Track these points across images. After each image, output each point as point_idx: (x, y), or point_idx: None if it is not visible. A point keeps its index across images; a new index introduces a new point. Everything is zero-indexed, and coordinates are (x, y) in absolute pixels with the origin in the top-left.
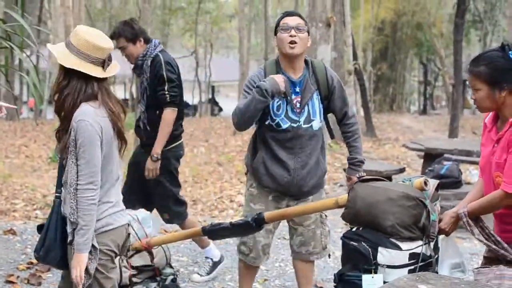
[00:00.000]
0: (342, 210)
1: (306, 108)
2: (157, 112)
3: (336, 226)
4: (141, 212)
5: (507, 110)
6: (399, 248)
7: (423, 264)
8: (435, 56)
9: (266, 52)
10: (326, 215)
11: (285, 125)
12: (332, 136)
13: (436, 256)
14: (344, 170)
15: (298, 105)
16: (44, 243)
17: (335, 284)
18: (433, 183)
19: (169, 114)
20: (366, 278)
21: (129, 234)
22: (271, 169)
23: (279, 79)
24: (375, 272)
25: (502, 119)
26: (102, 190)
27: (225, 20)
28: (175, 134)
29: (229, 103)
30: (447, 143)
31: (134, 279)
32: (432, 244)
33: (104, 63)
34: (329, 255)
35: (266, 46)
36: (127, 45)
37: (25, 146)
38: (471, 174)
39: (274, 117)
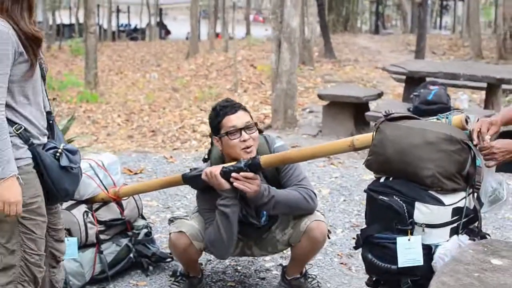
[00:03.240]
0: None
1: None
2: None
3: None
4: (107, 157)
5: None
6: (441, 203)
7: (466, 219)
8: None
9: None
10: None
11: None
12: None
13: (480, 208)
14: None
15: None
16: None
17: (355, 246)
18: (473, 119)
19: None
20: (401, 241)
21: None
22: None
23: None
24: (411, 233)
25: None
26: None
27: None
28: None
29: (177, 26)
30: (429, 66)
31: (102, 236)
32: (475, 194)
33: None
34: (329, 232)
35: None
36: None
37: None
38: (461, 99)
39: None
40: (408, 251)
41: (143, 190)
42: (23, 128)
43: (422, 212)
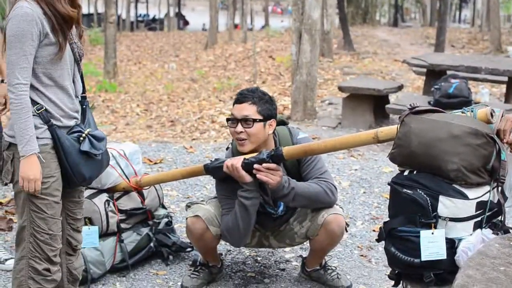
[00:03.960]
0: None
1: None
2: None
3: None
4: (128, 146)
5: None
6: (465, 197)
7: (490, 213)
8: None
9: None
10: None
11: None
12: None
13: (505, 202)
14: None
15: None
16: None
17: (377, 238)
18: (498, 112)
19: None
20: (424, 234)
21: None
22: None
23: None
24: (435, 227)
25: None
26: None
27: None
28: None
29: (196, 16)
30: (450, 59)
31: (123, 225)
32: (500, 188)
33: None
34: (347, 225)
35: None
36: None
37: None
38: (482, 93)
39: None
40: (432, 245)
41: (165, 180)
42: (44, 108)
43: (446, 205)
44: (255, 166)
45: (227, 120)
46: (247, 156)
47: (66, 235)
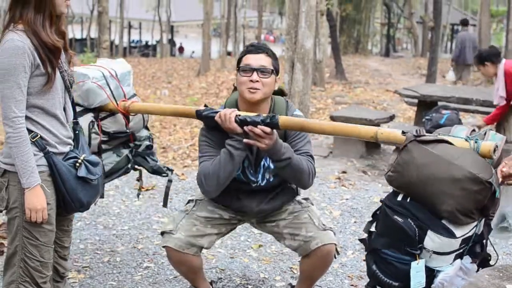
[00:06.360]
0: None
1: (261, 164)
2: None
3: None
4: (120, 65)
5: None
6: (453, 235)
7: (472, 244)
8: None
9: None
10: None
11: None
12: None
13: (488, 234)
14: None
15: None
16: None
17: (358, 242)
18: (500, 143)
19: None
20: (414, 265)
21: None
22: None
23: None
24: (419, 257)
25: None
26: None
27: None
28: None
29: (188, 43)
30: (442, 90)
31: (104, 146)
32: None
33: None
34: (337, 252)
35: None
36: None
37: None
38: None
39: None
40: (417, 274)
41: (154, 112)
42: (39, 136)
43: (433, 240)
44: (249, 127)
45: (239, 69)
46: (242, 113)
47: (54, 262)
